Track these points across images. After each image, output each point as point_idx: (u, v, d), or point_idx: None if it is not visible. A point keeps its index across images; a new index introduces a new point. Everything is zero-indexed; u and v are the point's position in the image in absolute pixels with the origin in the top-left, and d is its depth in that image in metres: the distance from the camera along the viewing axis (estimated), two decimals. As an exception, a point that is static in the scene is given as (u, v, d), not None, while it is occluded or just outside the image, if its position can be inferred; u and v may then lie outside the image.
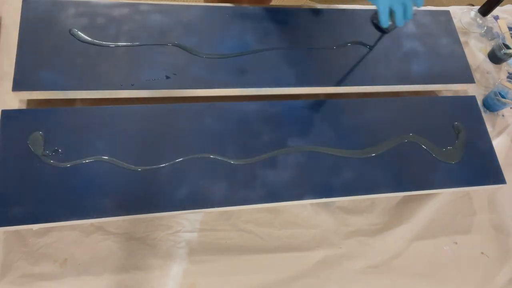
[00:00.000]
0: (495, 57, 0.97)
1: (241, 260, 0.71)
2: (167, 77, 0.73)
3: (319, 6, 0.89)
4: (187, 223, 0.72)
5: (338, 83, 0.80)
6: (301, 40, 0.82)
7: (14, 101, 0.72)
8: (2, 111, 0.66)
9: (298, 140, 0.73)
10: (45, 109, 0.69)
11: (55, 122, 0.67)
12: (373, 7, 0.74)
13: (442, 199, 0.81)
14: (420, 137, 0.77)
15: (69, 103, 0.75)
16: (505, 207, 0.84)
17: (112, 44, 0.74)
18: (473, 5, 1.05)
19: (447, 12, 0.94)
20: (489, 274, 0.78)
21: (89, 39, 0.73)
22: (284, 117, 0.75)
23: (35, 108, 0.71)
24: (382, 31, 0.74)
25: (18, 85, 0.68)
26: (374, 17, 0.73)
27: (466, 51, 0.90)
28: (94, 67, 0.71)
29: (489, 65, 0.98)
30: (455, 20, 0.93)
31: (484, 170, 0.77)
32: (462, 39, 0.93)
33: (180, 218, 0.72)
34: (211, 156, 0.69)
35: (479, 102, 0.88)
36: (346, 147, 0.74)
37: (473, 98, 0.85)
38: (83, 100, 0.76)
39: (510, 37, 1.02)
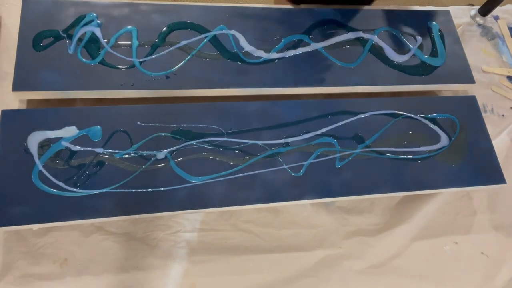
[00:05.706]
0: None
1: (241, 260, 0.71)
2: (167, 77, 0.73)
3: (319, 6, 0.89)
4: (187, 223, 0.72)
5: (338, 83, 0.80)
6: (301, 40, 0.82)
7: (14, 101, 0.72)
8: (2, 111, 0.66)
9: (298, 140, 0.73)
10: (45, 109, 0.69)
11: (55, 122, 0.67)
12: (375, 7, 0.74)
13: (442, 199, 0.80)
14: (420, 136, 0.77)
15: (69, 103, 0.75)
16: (505, 207, 0.84)
17: (112, 44, 0.74)
18: (473, 5, 1.05)
19: (447, 12, 0.94)
20: (489, 274, 0.78)
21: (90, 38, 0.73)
22: (284, 117, 0.75)
23: (35, 108, 0.71)
24: None
25: (18, 85, 0.68)
26: None
27: (466, 51, 0.90)
28: (94, 67, 0.71)
29: (489, 65, 0.98)
30: (455, 20, 0.93)
31: (484, 170, 0.77)
32: (462, 39, 0.92)
33: (180, 218, 0.72)
34: (211, 157, 0.69)
35: (479, 102, 0.88)
36: (346, 147, 0.74)
37: (473, 98, 0.84)
38: (83, 100, 0.76)
39: (510, 37, 1.02)
